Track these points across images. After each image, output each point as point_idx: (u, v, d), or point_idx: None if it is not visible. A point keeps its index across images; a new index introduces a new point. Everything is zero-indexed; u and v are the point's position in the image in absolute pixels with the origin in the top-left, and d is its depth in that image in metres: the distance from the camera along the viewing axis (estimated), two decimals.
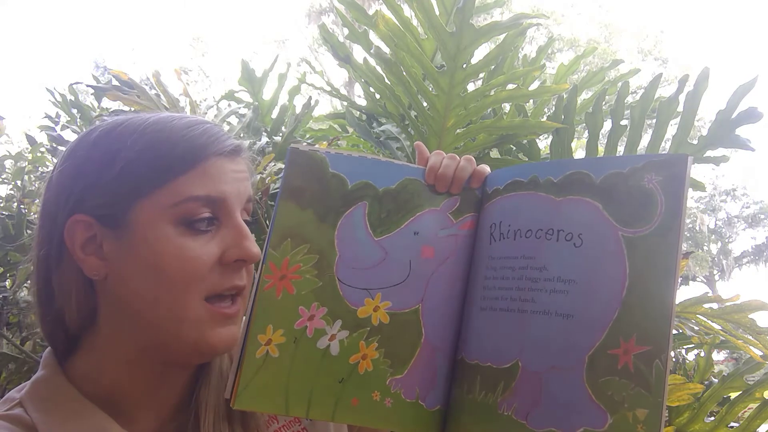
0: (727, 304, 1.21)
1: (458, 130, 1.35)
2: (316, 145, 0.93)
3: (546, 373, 0.56)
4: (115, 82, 1.50)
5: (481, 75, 1.43)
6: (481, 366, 0.61)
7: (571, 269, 0.58)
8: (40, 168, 2.20)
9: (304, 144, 0.64)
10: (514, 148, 1.45)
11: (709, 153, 1.21)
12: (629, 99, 1.30)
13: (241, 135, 1.61)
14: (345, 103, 1.62)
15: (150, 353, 0.59)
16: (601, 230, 0.58)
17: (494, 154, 1.51)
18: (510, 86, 1.29)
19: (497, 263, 0.63)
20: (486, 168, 0.68)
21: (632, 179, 0.58)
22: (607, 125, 1.31)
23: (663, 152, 1.01)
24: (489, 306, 0.62)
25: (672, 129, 1.23)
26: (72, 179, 0.58)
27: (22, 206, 1.84)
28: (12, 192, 2.13)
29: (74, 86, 1.80)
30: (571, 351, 0.56)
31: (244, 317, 0.62)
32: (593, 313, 0.56)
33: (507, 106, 1.46)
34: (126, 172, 0.57)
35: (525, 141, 1.41)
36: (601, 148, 1.33)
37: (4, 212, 1.78)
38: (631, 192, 0.57)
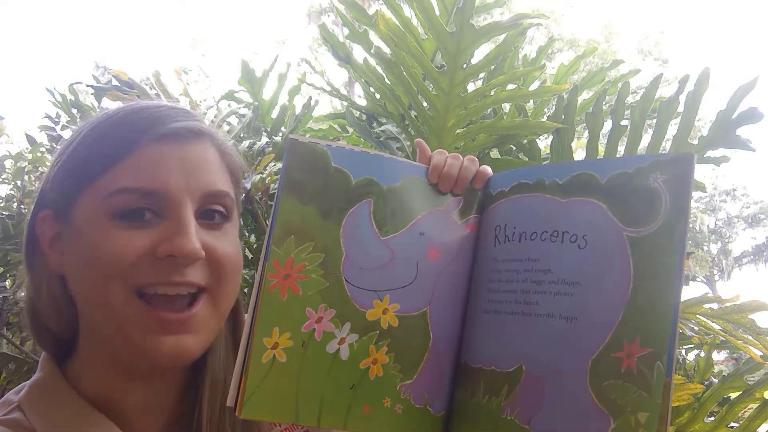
0: (727, 304, 1.21)
1: (458, 130, 1.35)
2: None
3: (549, 377, 0.55)
4: (115, 82, 1.50)
5: (481, 75, 1.43)
6: (484, 370, 0.60)
7: (575, 271, 0.57)
8: (40, 168, 2.20)
9: (306, 137, 0.61)
10: (514, 148, 1.45)
11: (710, 153, 1.21)
12: (629, 99, 1.29)
13: (242, 135, 1.60)
14: (345, 103, 1.62)
15: (119, 358, 0.56)
16: (606, 231, 0.57)
17: (494, 154, 1.51)
18: (510, 86, 1.29)
19: (502, 266, 0.62)
20: (489, 169, 0.68)
21: (637, 178, 0.57)
22: (608, 125, 1.31)
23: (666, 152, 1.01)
24: (493, 309, 0.61)
25: (672, 129, 1.23)
26: (46, 174, 0.59)
27: (22, 206, 1.84)
28: (12, 192, 2.13)
29: (74, 86, 1.80)
30: (574, 354, 0.55)
31: (236, 322, 0.60)
32: (597, 316, 0.55)
33: (507, 107, 1.46)
34: (69, 164, 0.56)
35: (525, 141, 1.41)
36: (601, 149, 1.33)
37: (4, 212, 1.78)
38: (636, 191, 0.56)
